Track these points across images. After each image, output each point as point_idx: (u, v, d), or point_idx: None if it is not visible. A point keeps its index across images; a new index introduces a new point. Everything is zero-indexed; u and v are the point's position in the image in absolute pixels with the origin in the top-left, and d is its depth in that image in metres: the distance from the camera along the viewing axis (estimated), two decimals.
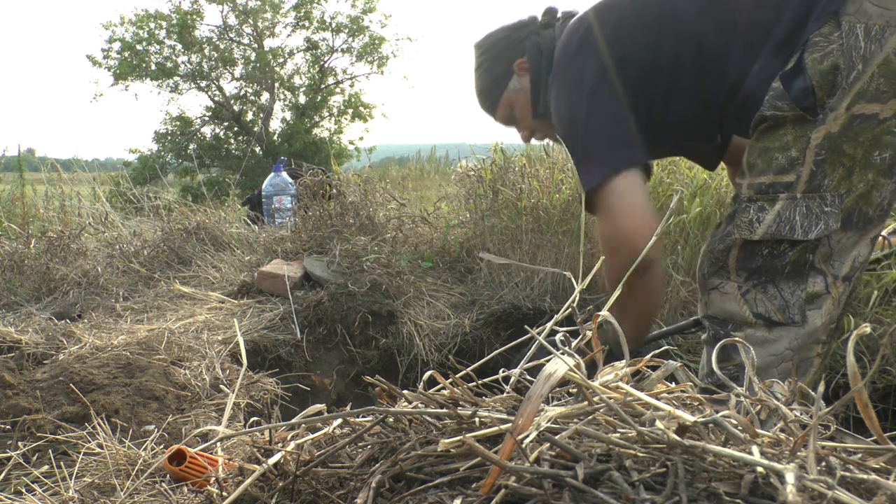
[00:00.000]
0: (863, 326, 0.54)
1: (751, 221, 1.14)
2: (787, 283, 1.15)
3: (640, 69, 1.26)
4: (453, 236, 2.87)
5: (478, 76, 1.58)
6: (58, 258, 2.60)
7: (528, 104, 1.51)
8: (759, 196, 1.13)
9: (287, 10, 16.03)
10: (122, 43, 14.93)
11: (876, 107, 1.04)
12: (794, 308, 1.15)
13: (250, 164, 13.40)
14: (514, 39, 1.49)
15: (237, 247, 2.94)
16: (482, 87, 1.57)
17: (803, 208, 1.10)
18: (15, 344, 1.61)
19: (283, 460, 0.69)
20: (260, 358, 1.97)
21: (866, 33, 1.01)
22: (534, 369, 0.69)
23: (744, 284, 1.19)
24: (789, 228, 1.11)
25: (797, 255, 1.13)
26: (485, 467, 0.57)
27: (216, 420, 1.30)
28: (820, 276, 1.14)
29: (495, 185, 2.73)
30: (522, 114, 1.54)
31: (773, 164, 1.11)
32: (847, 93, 1.04)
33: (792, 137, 1.09)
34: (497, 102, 1.55)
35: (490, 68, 1.53)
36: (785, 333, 1.16)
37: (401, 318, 2.21)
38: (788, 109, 1.07)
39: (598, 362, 0.72)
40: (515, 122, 1.59)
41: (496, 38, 1.53)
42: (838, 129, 1.06)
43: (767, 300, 1.16)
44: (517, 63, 1.49)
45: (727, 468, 0.52)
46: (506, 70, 1.51)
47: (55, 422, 1.16)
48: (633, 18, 1.28)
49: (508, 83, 1.52)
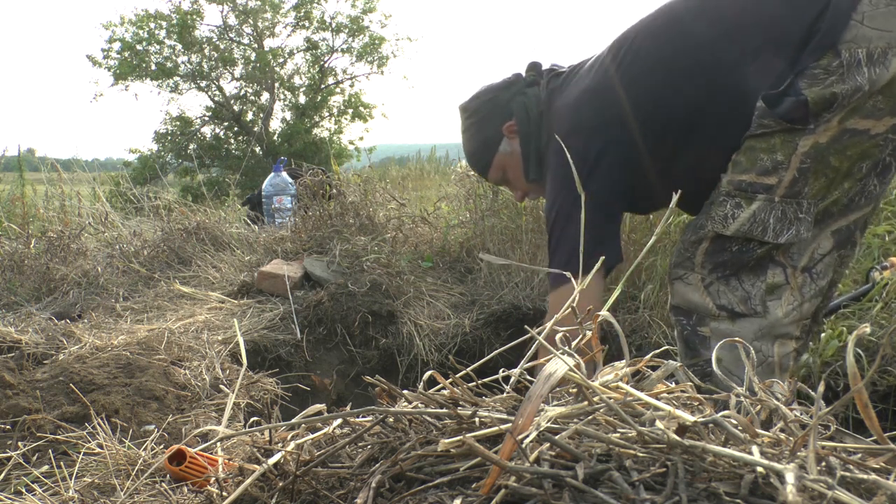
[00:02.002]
0: (862, 327, 0.54)
1: (725, 216, 1.15)
2: (747, 275, 1.17)
3: (654, 128, 1.22)
4: (453, 236, 2.87)
5: (466, 140, 1.56)
6: (58, 258, 2.60)
7: (520, 166, 1.49)
8: (737, 193, 1.14)
9: (287, 10, 16.04)
10: (122, 43, 14.93)
11: (869, 123, 1.05)
12: (756, 299, 1.17)
13: (250, 164, 13.39)
14: (500, 101, 1.47)
15: (237, 247, 2.94)
16: (473, 151, 1.56)
17: (779, 212, 1.11)
18: (15, 344, 1.61)
19: (283, 460, 0.69)
20: (260, 358, 1.97)
21: (868, 57, 1.01)
22: (534, 369, 0.69)
23: (707, 276, 1.20)
24: (761, 230, 1.12)
25: (764, 252, 1.15)
26: (485, 467, 0.57)
27: (216, 420, 1.30)
28: (779, 267, 1.16)
29: (495, 185, 2.73)
30: (515, 175, 1.52)
31: (757, 164, 1.11)
32: (844, 108, 1.04)
33: (779, 141, 1.09)
34: (489, 166, 1.54)
35: (479, 132, 1.52)
36: (748, 325, 1.18)
37: (401, 318, 2.21)
38: (775, 126, 1.08)
39: (597, 362, 0.72)
40: (509, 184, 1.58)
41: (482, 101, 1.50)
42: (826, 140, 1.06)
43: (730, 292, 1.18)
44: (506, 126, 1.47)
45: (727, 468, 0.52)
46: (495, 134, 1.49)
47: (55, 422, 1.16)
48: (653, 66, 1.22)
49: (499, 147, 1.50)
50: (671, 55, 1.20)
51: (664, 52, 1.21)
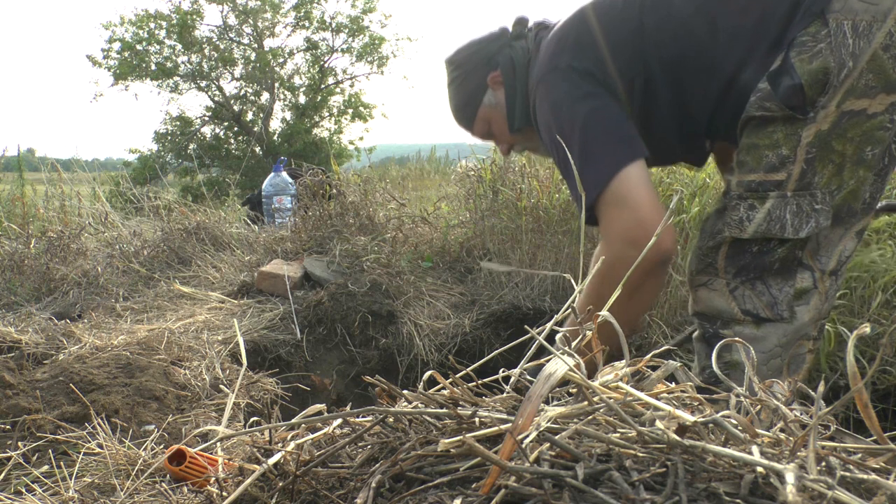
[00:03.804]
0: (862, 327, 0.54)
1: (741, 220, 1.13)
2: (775, 279, 1.15)
3: (622, 85, 1.23)
4: (453, 236, 2.87)
5: (451, 92, 1.53)
6: (58, 258, 2.60)
7: (504, 118, 1.47)
8: (748, 194, 1.12)
9: (287, 10, 16.03)
10: (122, 43, 14.92)
11: (864, 102, 1.04)
12: (783, 304, 1.15)
13: (250, 164, 13.40)
14: (486, 53, 1.45)
15: (237, 247, 2.94)
16: (457, 103, 1.53)
17: (794, 206, 1.09)
18: (15, 344, 1.61)
19: (283, 460, 0.69)
20: (260, 358, 1.97)
21: (853, 30, 1.01)
22: (534, 369, 0.69)
23: (732, 281, 1.18)
24: (780, 227, 1.10)
25: (786, 251, 1.13)
26: (485, 467, 0.57)
27: (216, 420, 1.30)
28: (808, 271, 1.14)
29: (495, 185, 2.73)
30: (500, 128, 1.50)
31: (764, 161, 1.10)
32: (838, 91, 1.03)
33: (782, 135, 1.08)
34: (473, 118, 1.52)
35: (463, 84, 1.50)
36: (773, 330, 1.16)
37: (401, 318, 2.21)
38: (777, 110, 1.07)
39: (597, 362, 0.72)
40: (494, 137, 1.56)
41: (468, 53, 1.49)
42: (828, 126, 1.05)
43: (755, 297, 1.16)
44: (491, 77, 1.45)
45: (727, 468, 0.52)
46: (480, 85, 1.47)
47: (55, 422, 1.16)
48: (627, 21, 1.24)
49: (483, 98, 1.48)
50: None
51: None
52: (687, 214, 2.19)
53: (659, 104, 1.24)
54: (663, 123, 1.27)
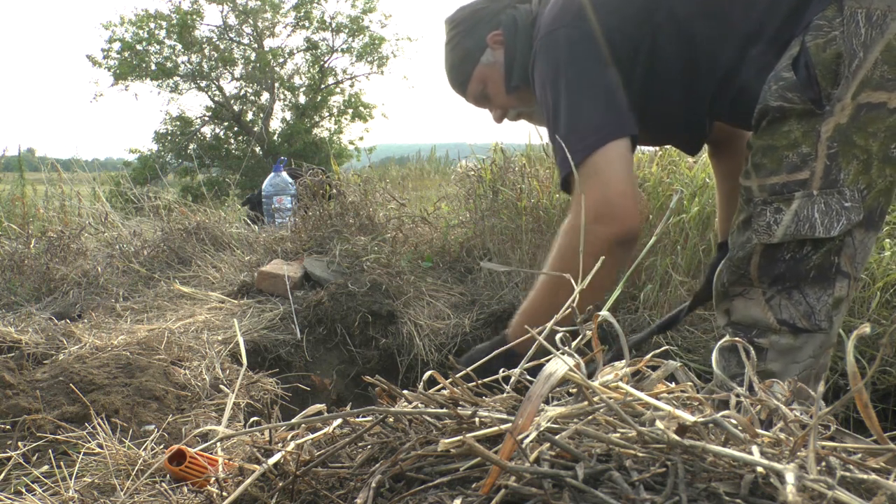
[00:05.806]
0: (862, 327, 0.54)
1: (768, 224, 1.08)
2: (812, 287, 1.09)
3: (627, 52, 1.20)
4: (453, 236, 2.87)
5: (448, 51, 1.48)
6: (58, 258, 2.60)
7: (501, 79, 1.42)
8: (773, 198, 1.08)
9: (287, 10, 16.04)
10: (122, 43, 14.93)
11: (883, 95, 1.00)
12: (821, 314, 1.09)
13: (250, 164, 13.40)
14: (489, 12, 1.42)
15: (237, 247, 2.94)
16: (453, 61, 1.48)
17: (822, 205, 1.04)
18: (15, 344, 1.61)
19: (283, 460, 0.69)
20: (260, 358, 1.97)
21: (867, 19, 0.99)
22: (534, 369, 0.69)
23: (768, 290, 1.13)
24: (809, 227, 1.05)
25: (821, 257, 1.07)
26: (485, 467, 0.57)
27: (216, 420, 1.30)
28: (846, 279, 1.09)
29: (495, 185, 2.73)
30: (496, 90, 1.46)
31: (784, 162, 1.07)
32: (851, 81, 1.01)
33: (800, 133, 1.05)
34: (469, 78, 1.47)
35: (462, 42, 1.45)
36: (810, 340, 1.11)
37: (401, 318, 2.21)
38: (798, 101, 1.04)
39: (597, 362, 0.72)
40: (488, 101, 1.51)
41: (470, 11, 1.45)
42: (847, 119, 1.02)
43: (792, 306, 1.11)
44: (491, 36, 1.41)
45: (727, 468, 0.52)
46: (479, 43, 1.43)
47: (55, 422, 1.16)
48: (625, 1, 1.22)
49: (481, 57, 1.43)
50: None
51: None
52: (687, 214, 2.19)
53: (665, 68, 1.21)
54: (666, 94, 1.24)
